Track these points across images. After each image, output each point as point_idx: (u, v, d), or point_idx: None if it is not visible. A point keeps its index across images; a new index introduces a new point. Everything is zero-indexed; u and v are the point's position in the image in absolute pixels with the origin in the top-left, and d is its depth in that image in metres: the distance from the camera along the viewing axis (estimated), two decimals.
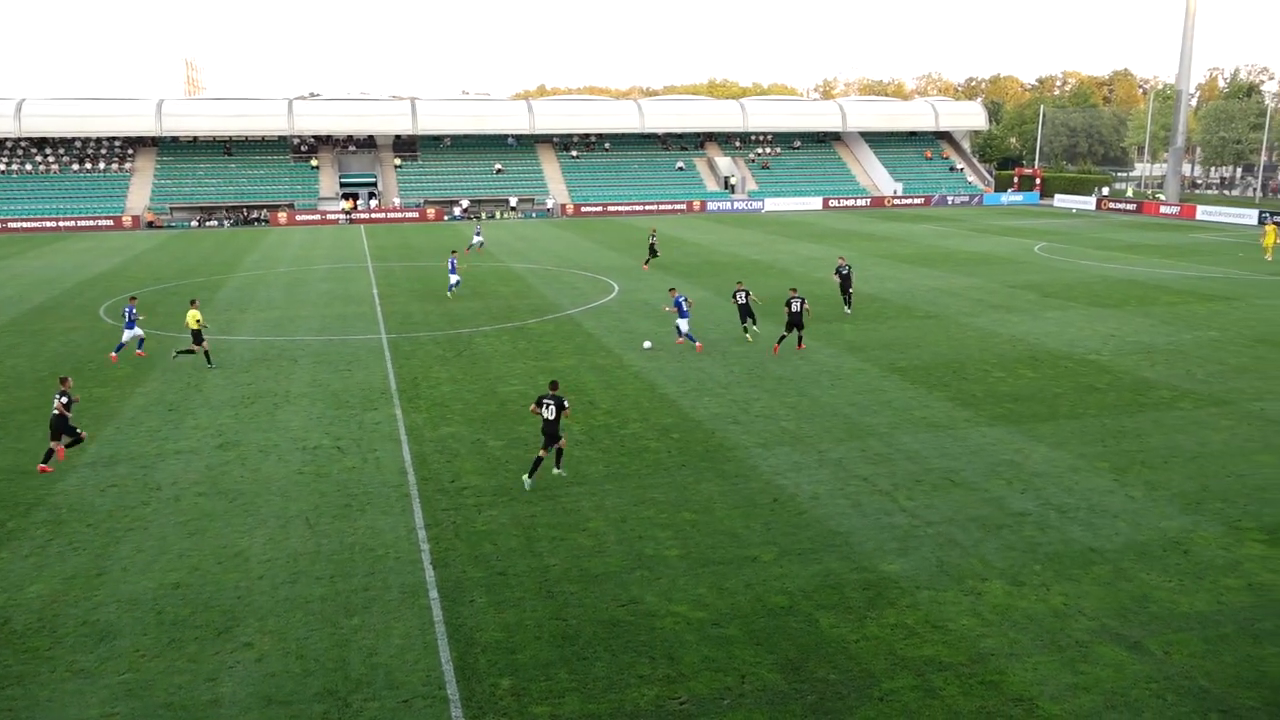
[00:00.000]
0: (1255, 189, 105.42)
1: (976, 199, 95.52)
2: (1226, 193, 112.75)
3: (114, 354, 28.72)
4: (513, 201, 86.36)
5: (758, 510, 16.80)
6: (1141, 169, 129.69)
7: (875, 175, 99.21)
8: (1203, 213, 77.04)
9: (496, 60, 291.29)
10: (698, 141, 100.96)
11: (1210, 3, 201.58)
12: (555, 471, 18.36)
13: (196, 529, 16.25)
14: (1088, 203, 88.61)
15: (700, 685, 11.50)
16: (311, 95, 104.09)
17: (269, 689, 11.53)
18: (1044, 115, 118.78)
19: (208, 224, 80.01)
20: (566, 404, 17.73)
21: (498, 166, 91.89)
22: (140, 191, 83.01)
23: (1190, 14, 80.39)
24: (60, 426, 18.90)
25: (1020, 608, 13.25)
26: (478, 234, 57.52)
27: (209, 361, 27.93)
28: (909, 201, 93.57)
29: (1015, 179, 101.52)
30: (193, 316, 27.58)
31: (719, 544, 15.42)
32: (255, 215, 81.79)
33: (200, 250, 61.25)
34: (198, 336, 27.57)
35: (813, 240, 62.50)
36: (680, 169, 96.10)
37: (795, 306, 28.41)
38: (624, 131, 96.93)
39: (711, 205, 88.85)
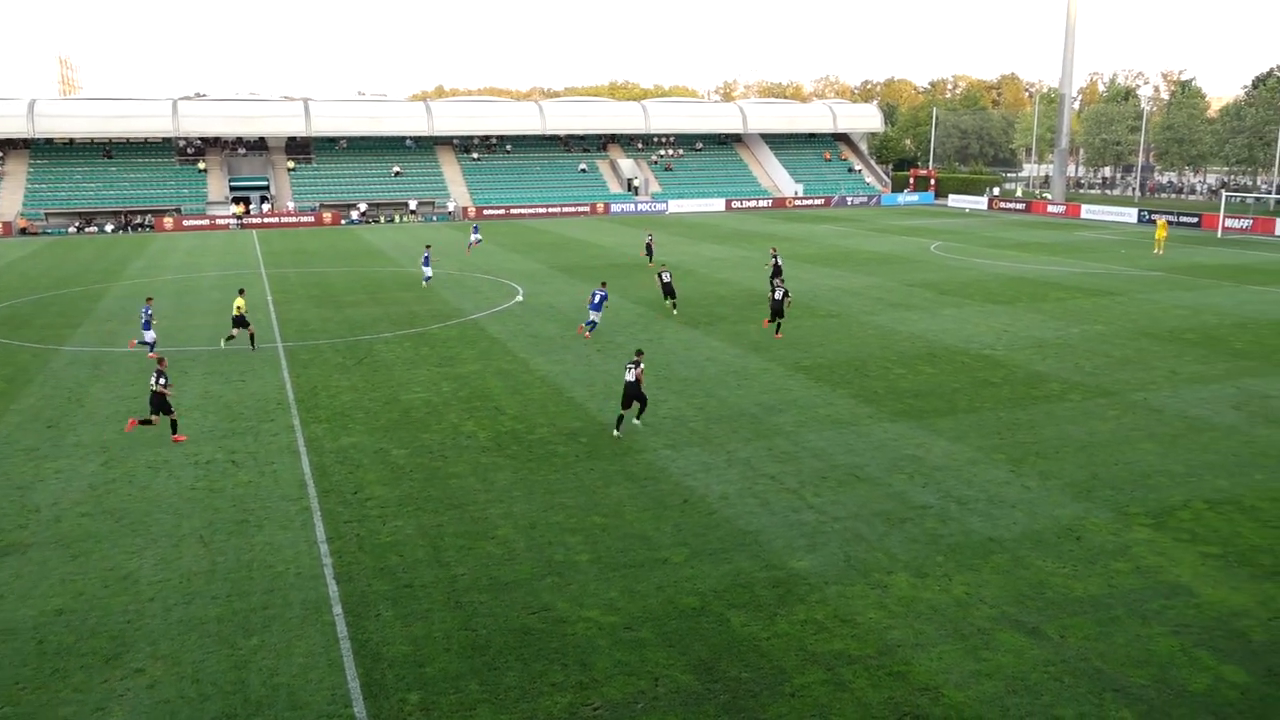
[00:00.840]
0: (1134, 188, 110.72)
1: (874, 199, 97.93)
2: (1108, 192, 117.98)
3: (151, 353, 28.94)
4: (412, 205, 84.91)
5: (668, 512, 16.80)
6: (1029, 169, 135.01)
7: (776, 176, 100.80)
8: (1087, 211, 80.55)
9: (393, 61, 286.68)
10: (600, 143, 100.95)
11: (1090, 9, 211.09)
12: (635, 422, 21.35)
13: (80, 551, 15.42)
14: (980, 202, 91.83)
15: (613, 690, 11.41)
16: (198, 95, 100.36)
17: (163, 716, 10.99)
18: (937, 117, 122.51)
19: (87, 230, 76.40)
20: (642, 366, 20.91)
21: (396, 169, 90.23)
22: (11, 196, 78.66)
23: (1071, 20, 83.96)
24: (161, 403, 20.43)
25: (924, 599, 13.55)
26: (475, 231, 57.06)
27: (253, 345, 30.40)
28: (809, 202, 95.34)
29: (911, 180, 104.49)
30: (239, 303, 30.16)
31: (630, 547, 15.36)
32: (139, 221, 78.45)
33: (79, 258, 58.44)
34: (242, 321, 29.77)
35: (716, 242, 63.11)
36: (583, 171, 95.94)
37: (778, 295, 30.91)
38: (525, 133, 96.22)
39: (615, 207, 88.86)
